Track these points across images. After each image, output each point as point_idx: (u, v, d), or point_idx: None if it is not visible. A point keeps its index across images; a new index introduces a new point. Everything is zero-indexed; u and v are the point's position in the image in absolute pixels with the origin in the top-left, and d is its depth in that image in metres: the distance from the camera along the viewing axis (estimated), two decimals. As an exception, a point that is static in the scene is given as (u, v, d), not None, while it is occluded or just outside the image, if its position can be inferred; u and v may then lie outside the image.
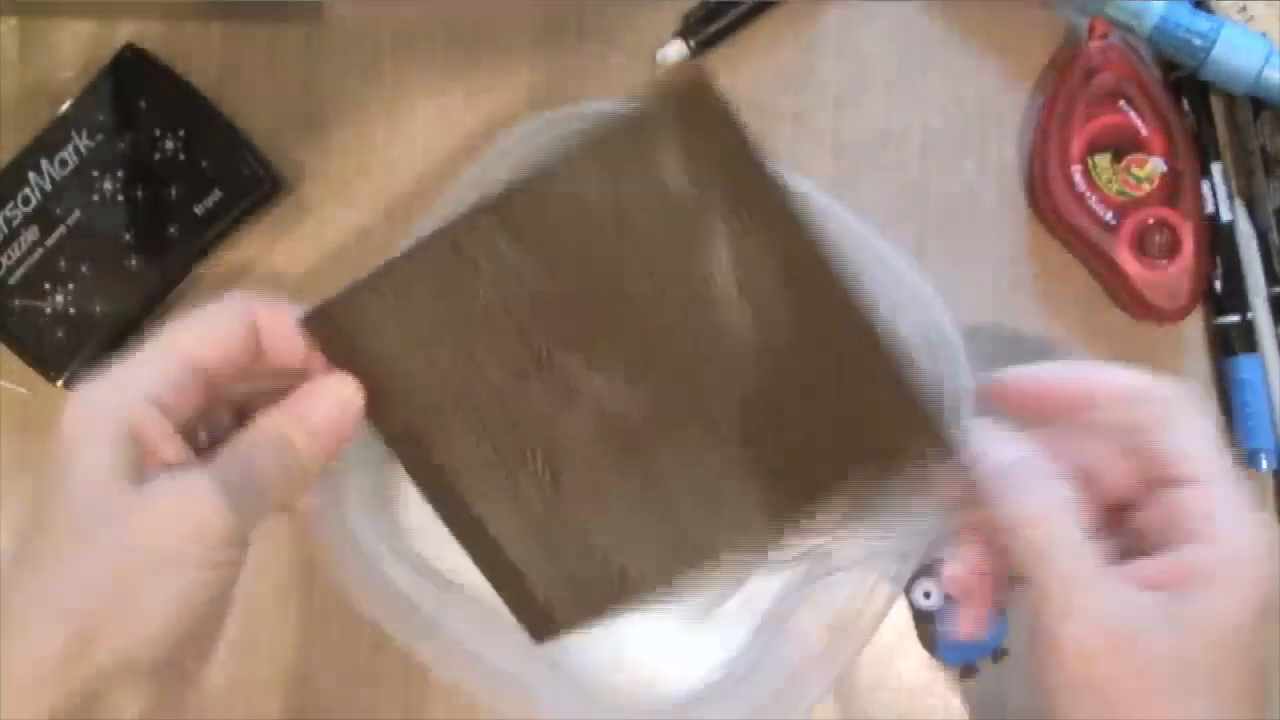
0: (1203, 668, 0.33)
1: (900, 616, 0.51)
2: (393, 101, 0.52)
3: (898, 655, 0.51)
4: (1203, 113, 0.51)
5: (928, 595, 0.51)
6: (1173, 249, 0.49)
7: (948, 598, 0.51)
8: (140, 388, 0.34)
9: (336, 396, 0.37)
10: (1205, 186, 0.50)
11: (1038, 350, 0.52)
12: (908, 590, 0.51)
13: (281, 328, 0.37)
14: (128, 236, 0.50)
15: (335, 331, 0.37)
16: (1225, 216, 0.50)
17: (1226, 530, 0.34)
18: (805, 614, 0.48)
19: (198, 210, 0.50)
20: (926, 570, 0.51)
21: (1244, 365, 0.50)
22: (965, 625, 0.39)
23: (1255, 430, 0.50)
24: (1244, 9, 0.49)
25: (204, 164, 0.50)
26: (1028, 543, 0.34)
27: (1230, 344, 0.51)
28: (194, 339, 0.36)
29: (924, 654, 0.51)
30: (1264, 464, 0.50)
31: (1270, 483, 0.51)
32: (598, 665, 0.49)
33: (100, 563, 0.33)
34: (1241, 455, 0.51)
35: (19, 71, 0.51)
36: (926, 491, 0.36)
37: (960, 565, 0.38)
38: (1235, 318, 0.51)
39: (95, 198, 0.50)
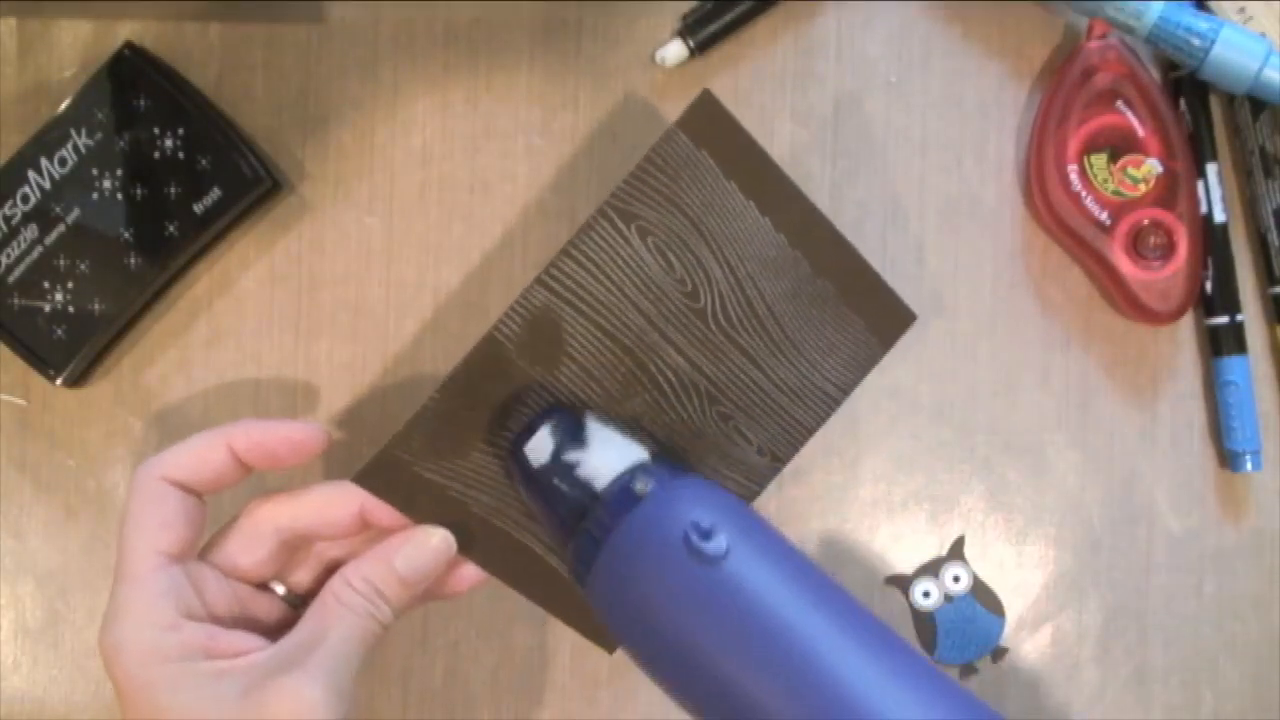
0: None
1: (900, 617, 0.51)
2: (392, 101, 0.52)
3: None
4: (1200, 113, 0.51)
5: (927, 595, 0.51)
6: (1168, 251, 0.49)
7: (948, 598, 0.51)
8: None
9: (428, 543, 0.43)
10: (1200, 187, 0.50)
11: (1035, 350, 0.52)
12: (907, 590, 0.51)
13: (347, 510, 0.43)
14: (127, 235, 0.50)
15: (387, 482, 0.43)
16: (1219, 218, 0.51)
17: None
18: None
19: (197, 209, 0.50)
20: (926, 570, 0.51)
21: (1232, 367, 0.51)
22: None
23: (1240, 432, 0.51)
24: (1243, 9, 0.49)
25: (203, 163, 0.50)
26: None
27: (1219, 345, 0.51)
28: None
29: (923, 654, 0.51)
30: (1248, 466, 0.50)
31: (1256, 485, 0.52)
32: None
33: None
34: (1226, 457, 0.51)
35: (18, 70, 0.51)
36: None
37: None
38: (1225, 319, 0.51)
39: (94, 196, 0.50)
